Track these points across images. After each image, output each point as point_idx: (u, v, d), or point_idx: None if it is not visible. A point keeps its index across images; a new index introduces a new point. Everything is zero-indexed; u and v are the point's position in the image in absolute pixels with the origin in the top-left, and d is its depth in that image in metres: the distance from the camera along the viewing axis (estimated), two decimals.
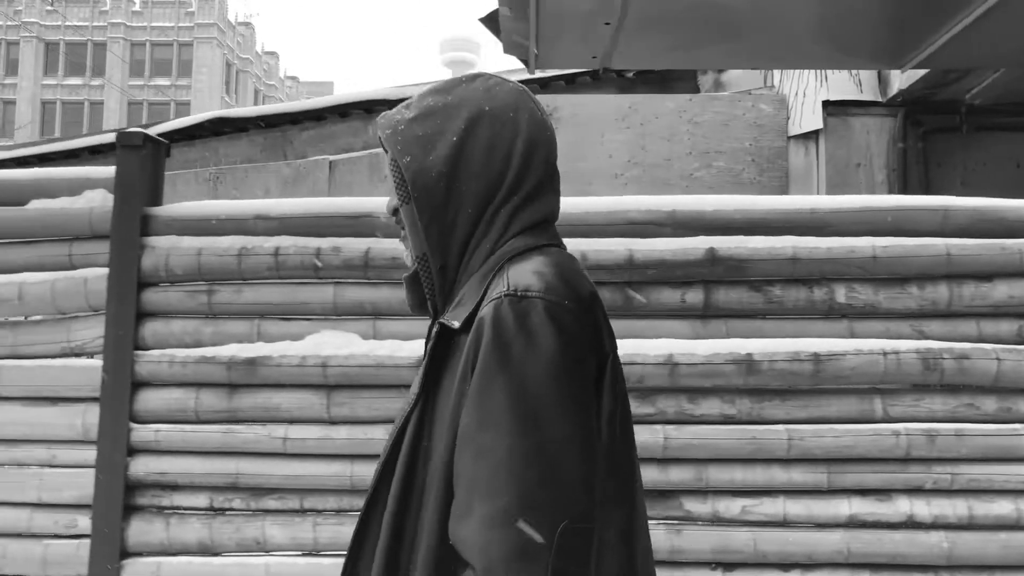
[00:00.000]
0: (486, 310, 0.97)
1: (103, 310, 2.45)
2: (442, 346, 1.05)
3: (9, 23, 44.78)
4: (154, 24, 46.49)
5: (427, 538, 0.98)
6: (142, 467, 2.40)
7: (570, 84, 5.56)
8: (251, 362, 2.37)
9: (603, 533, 0.97)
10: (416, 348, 2.36)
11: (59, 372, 2.43)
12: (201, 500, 2.42)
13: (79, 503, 2.41)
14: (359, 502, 2.42)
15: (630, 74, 5.55)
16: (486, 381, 0.93)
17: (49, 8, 45.09)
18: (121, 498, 2.38)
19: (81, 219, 2.46)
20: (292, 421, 2.40)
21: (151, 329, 2.45)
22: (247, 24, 52.15)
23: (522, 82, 5.72)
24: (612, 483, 1.01)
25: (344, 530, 2.38)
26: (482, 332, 0.96)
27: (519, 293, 0.96)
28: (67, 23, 44.78)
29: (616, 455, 1.03)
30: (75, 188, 2.50)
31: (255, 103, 52.57)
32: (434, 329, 1.07)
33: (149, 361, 2.41)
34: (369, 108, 5.68)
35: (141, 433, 2.40)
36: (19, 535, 2.42)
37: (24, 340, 2.46)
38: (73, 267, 2.48)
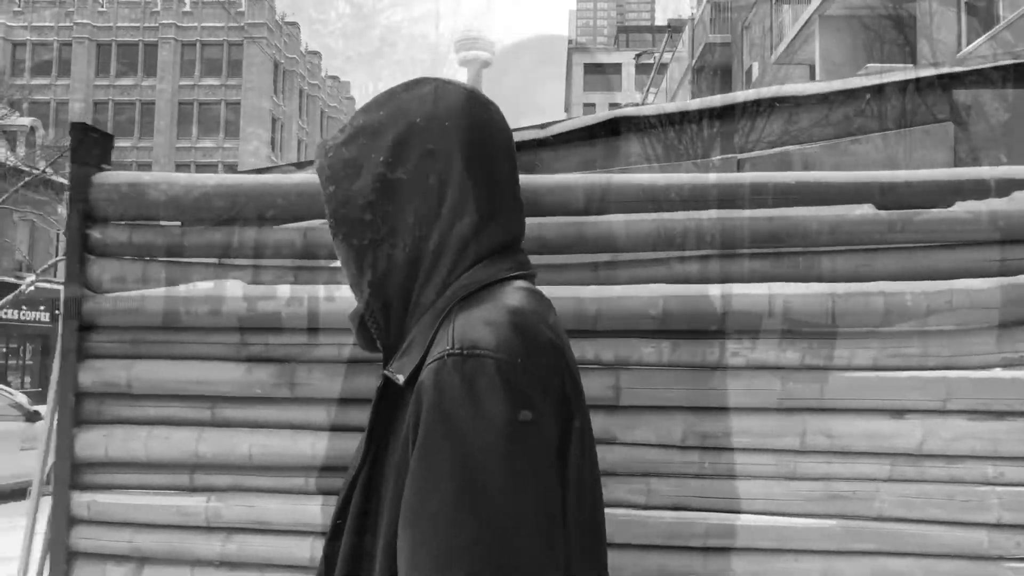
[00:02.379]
0: (427, 372, 0.84)
1: None
2: (387, 401, 0.92)
3: (61, 24, 44.81)
4: (204, 24, 46.45)
5: None
6: None
7: None
8: None
9: None
10: None
11: (1007, 384, 2.28)
12: None
13: None
14: None
15: None
16: (426, 457, 0.82)
17: (101, 10, 45.12)
18: None
19: (1021, 221, 2.32)
20: None
21: None
22: (293, 24, 52.10)
23: None
24: (580, 553, 0.88)
25: None
26: (422, 398, 0.83)
27: (465, 352, 0.83)
28: (119, 24, 44.80)
29: (585, 524, 0.91)
30: (1002, 188, 2.35)
31: (300, 103, 52.57)
32: (379, 382, 0.94)
33: None
34: (771, 104, 5.53)
35: None
36: (977, 557, 2.28)
37: (963, 350, 2.32)
38: (1003, 273, 2.34)
